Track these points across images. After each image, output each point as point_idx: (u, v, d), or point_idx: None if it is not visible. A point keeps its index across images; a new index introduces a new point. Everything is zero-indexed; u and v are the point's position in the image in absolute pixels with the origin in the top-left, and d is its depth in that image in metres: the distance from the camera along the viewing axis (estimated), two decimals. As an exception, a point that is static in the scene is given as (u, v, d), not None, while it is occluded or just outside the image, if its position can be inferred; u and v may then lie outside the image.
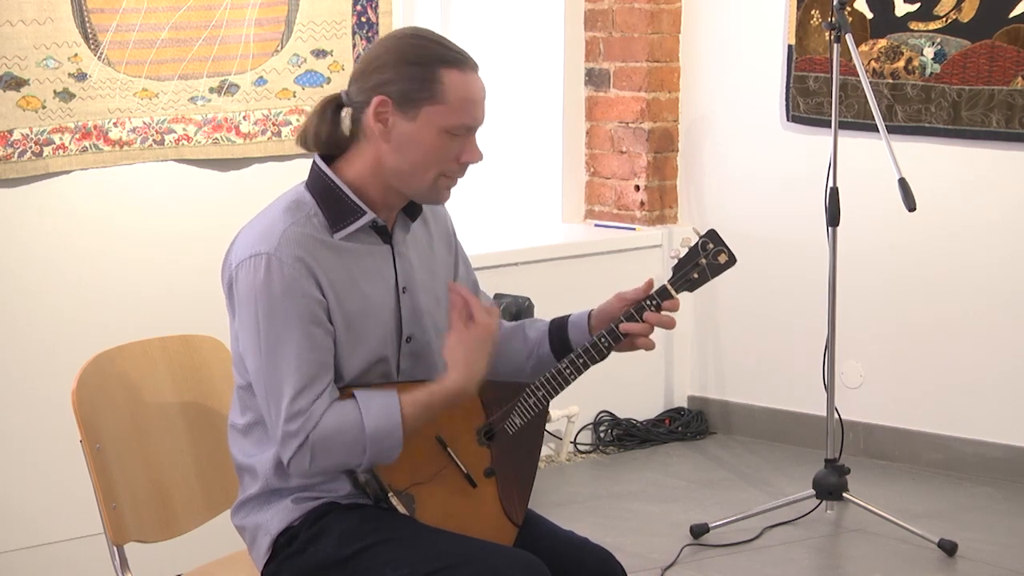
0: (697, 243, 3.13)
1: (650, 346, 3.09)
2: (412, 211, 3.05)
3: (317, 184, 2.97)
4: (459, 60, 2.92)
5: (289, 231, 2.90)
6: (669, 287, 3.09)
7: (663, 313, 3.08)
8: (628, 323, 3.06)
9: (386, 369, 3.01)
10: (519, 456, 3.05)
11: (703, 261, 3.12)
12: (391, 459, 2.92)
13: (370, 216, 2.95)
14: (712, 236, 3.13)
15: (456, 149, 2.93)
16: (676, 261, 3.15)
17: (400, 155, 2.92)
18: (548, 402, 3.06)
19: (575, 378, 3.06)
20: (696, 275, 3.12)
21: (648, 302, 3.06)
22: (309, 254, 2.89)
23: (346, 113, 2.95)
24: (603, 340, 3.06)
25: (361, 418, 2.88)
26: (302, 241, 2.90)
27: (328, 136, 2.97)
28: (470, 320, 2.97)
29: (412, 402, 2.92)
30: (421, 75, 2.89)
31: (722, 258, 3.13)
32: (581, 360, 3.06)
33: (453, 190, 3.02)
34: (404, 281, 3.02)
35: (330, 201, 2.95)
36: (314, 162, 2.99)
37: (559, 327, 3.16)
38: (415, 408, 2.91)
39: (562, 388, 3.06)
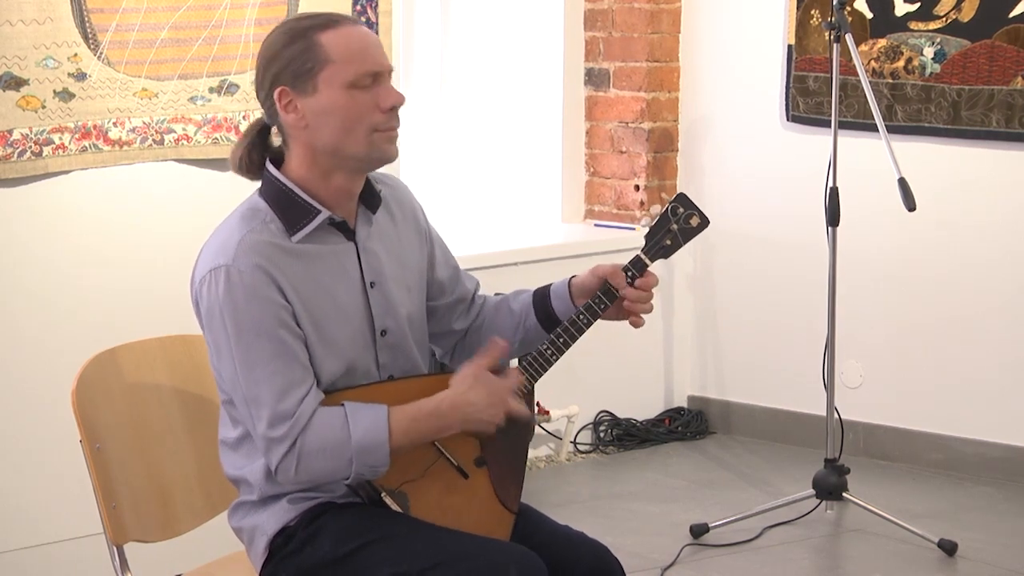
0: (667, 208, 3.08)
1: (639, 323, 3.08)
2: (371, 202, 3.04)
3: (270, 189, 2.97)
4: (330, 21, 2.92)
5: (246, 239, 2.90)
6: (643, 256, 3.06)
7: (640, 292, 3.06)
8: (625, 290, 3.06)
9: (365, 366, 3.00)
10: (509, 442, 3.05)
11: (675, 226, 3.08)
12: (378, 474, 2.91)
13: (325, 214, 2.95)
14: (682, 200, 3.08)
15: (372, 99, 2.92)
16: (647, 230, 3.12)
17: (323, 131, 2.92)
18: (533, 385, 3.05)
19: (557, 358, 3.04)
20: (669, 241, 3.09)
21: (624, 273, 3.05)
22: (268, 260, 2.89)
23: (273, 129, 2.99)
24: (582, 317, 3.05)
25: (348, 429, 2.87)
26: (259, 248, 2.90)
27: (261, 157, 3.00)
28: (500, 370, 2.98)
29: (400, 416, 2.91)
30: (300, 49, 2.90)
31: (694, 221, 3.09)
32: (561, 339, 3.04)
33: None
34: (371, 276, 3.01)
35: (284, 204, 2.95)
36: (266, 168, 3.00)
37: (542, 296, 3.16)
38: (402, 423, 2.90)
39: (545, 370, 3.04)
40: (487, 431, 2.98)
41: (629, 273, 3.05)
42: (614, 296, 3.06)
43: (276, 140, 3.03)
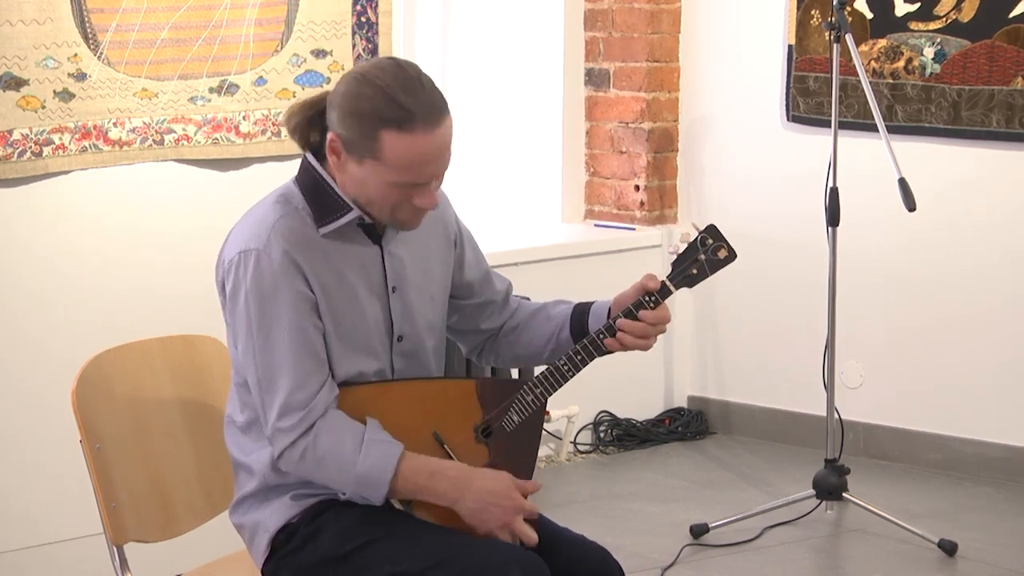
0: (696, 238, 3.10)
1: (646, 346, 3.07)
2: None
3: (306, 179, 2.98)
4: (403, 119, 2.84)
5: (278, 225, 2.91)
6: (668, 283, 3.07)
7: (642, 325, 3.04)
8: (625, 319, 3.04)
9: (379, 368, 3.01)
10: (517, 453, 3.05)
11: (702, 257, 3.09)
12: (369, 503, 2.92)
13: (356, 213, 2.96)
14: (712, 231, 3.10)
15: (407, 194, 2.91)
16: (675, 256, 3.13)
17: (355, 186, 2.93)
18: (546, 399, 3.05)
19: (573, 375, 3.05)
20: (695, 271, 3.10)
21: (647, 299, 3.05)
22: (296, 249, 2.90)
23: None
24: (600, 335, 3.05)
25: (359, 455, 2.88)
26: (290, 236, 2.91)
27: (299, 135, 2.98)
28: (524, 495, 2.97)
29: (413, 466, 2.91)
30: (361, 132, 2.86)
31: (721, 253, 3.10)
32: (579, 357, 3.05)
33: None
34: (394, 281, 3.02)
35: (318, 195, 2.96)
36: (304, 157, 3.00)
37: (581, 312, 3.15)
38: (412, 473, 2.91)
39: (560, 385, 3.05)
40: (479, 529, 2.95)
41: (652, 299, 3.05)
42: (633, 315, 3.06)
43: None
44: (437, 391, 3.01)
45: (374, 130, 2.84)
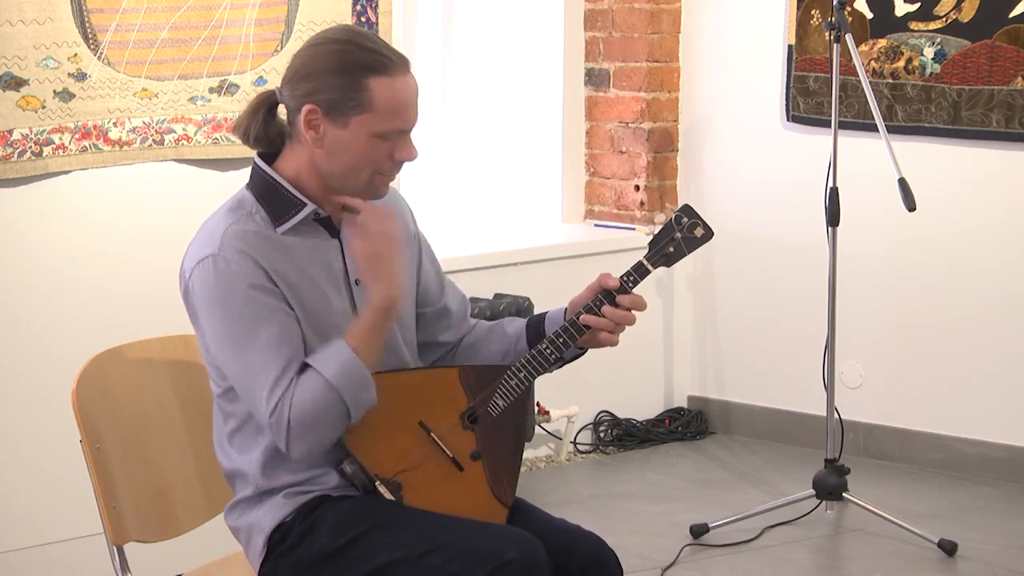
0: (672, 217, 3.13)
1: (613, 342, 3.08)
2: None
3: (257, 182, 3.01)
4: (385, 65, 2.93)
5: (230, 230, 2.94)
6: (645, 262, 3.10)
7: (622, 311, 3.06)
8: (587, 315, 3.06)
9: None
10: (505, 437, 3.07)
11: (678, 235, 3.12)
12: (373, 399, 2.93)
13: (311, 207, 2.98)
14: (687, 210, 3.13)
15: (389, 148, 2.96)
16: (651, 237, 3.15)
17: (333, 159, 2.96)
18: (530, 382, 3.08)
19: (556, 357, 3.07)
20: (672, 249, 3.12)
21: (626, 278, 3.07)
22: (252, 248, 2.92)
23: (281, 110, 3.01)
24: (578, 316, 3.07)
25: (321, 375, 2.89)
26: (244, 237, 2.93)
27: (263, 134, 3.01)
28: (369, 232, 2.97)
29: (354, 334, 2.93)
30: (348, 84, 2.91)
31: (698, 231, 3.13)
32: (561, 339, 3.07)
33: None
34: (356, 273, 3.04)
35: (270, 197, 2.98)
36: (253, 162, 3.03)
37: (537, 322, 3.18)
38: (360, 338, 2.92)
39: (543, 368, 3.07)
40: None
41: (631, 278, 3.07)
42: (613, 296, 3.07)
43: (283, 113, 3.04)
44: (420, 380, 3.04)
45: (360, 79, 2.91)
